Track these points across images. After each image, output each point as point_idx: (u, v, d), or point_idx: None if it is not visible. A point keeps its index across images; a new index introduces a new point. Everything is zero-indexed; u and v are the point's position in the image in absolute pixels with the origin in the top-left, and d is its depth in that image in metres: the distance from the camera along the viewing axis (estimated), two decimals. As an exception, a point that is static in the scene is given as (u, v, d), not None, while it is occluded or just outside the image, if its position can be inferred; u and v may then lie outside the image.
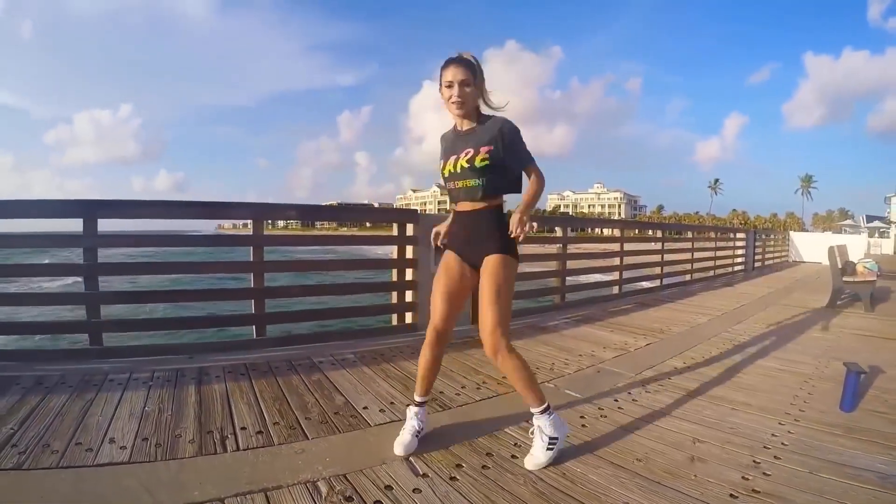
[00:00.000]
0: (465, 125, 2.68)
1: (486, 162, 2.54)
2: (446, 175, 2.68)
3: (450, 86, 2.58)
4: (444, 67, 2.60)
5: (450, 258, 2.76)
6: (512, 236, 2.52)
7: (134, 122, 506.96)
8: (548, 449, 2.54)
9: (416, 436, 2.69)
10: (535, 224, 2.80)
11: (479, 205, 2.62)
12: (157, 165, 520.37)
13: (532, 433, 2.61)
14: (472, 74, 2.58)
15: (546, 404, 2.63)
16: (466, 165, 2.57)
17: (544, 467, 2.50)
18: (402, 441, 2.63)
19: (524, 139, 2.64)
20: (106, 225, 4.28)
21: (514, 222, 2.50)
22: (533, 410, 2.62)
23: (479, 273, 2.65)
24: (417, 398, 2.78)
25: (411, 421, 2.72)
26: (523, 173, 2.67)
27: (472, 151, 2.56)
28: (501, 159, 2.57)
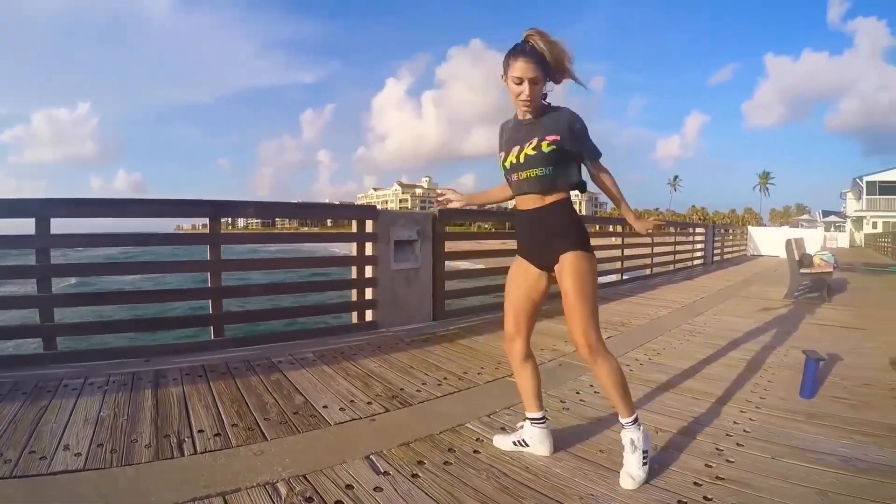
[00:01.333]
0: (529, 115, 2.50)
1: (553, 148, 2.39)
2: (508, 166, 2.51)
3: (519, 83, 2.38)
4: (514, 58, 2.38)
5: (518, 264, 2.64)
6: (646, 232, 2.57)
7: (92, 121, 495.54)
8: (644, 463, 2.37)
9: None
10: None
11: (548, 199, 2.45)
12: (116, 166, 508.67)
13: (624, 446, 2.42)
14: (544, 70, 2.38)
15: (636, 415, 2.46)
16: (533, 153, 2.40)
17: (642, 482, 2.34)
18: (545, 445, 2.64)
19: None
20: (60, 226, 4.16)
21: (641, 225, 2.57)
22: (624, 421, 2.43)
23: (549, 275, 2.56)
24: (532, 415, 2.67)
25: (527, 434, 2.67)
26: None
27: (536, 139, 2.42)
28: (568, 150, 2.44)
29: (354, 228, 5.62)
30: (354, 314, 5.68)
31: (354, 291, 5.65)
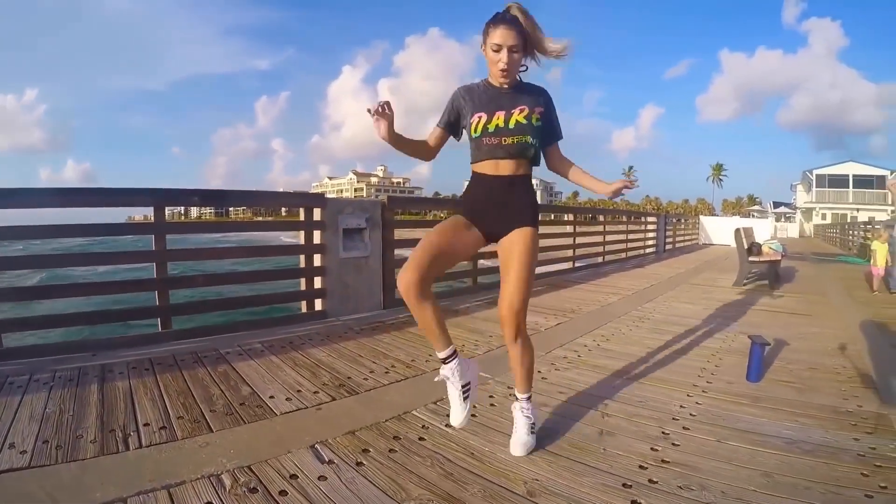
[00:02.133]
0: (506, 86, 2.51)
1: (540, 122, 2.49)
2: (491, 129, 2.45)
3: (498, 49, 2.39)
4: (494, 26, 2.40)
5: (458, 219, 2.57)
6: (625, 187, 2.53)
7: (39, 109, 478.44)
8: (532, 432, 2.58)
9: (466, 400, 2.57)
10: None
11: (521, 169, 2.52)
12: (65, 155, 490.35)
13: (516, 418, 2.62)
14: (523, 38, 2.42)
15: (531, 393, 2.68)
16: (525, 122, 2.44)
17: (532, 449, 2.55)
18: (458, 416, 2.55)
19: None
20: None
21: (613, 188, 2.55)
22: (522, 396, 2.63)
23: (484, 242, 2.60)
24: (442, 354, 2.53)
25: (452, 386, 2.54)
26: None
27: (527, 109, 2.46)
28: (545, 127, 2.54)
29: (302, 217, 5.60)
30: (304, 303, 5.68)
31: (303, 280, 5.64)
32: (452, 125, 2.63)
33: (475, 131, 2.49)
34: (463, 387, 2.54)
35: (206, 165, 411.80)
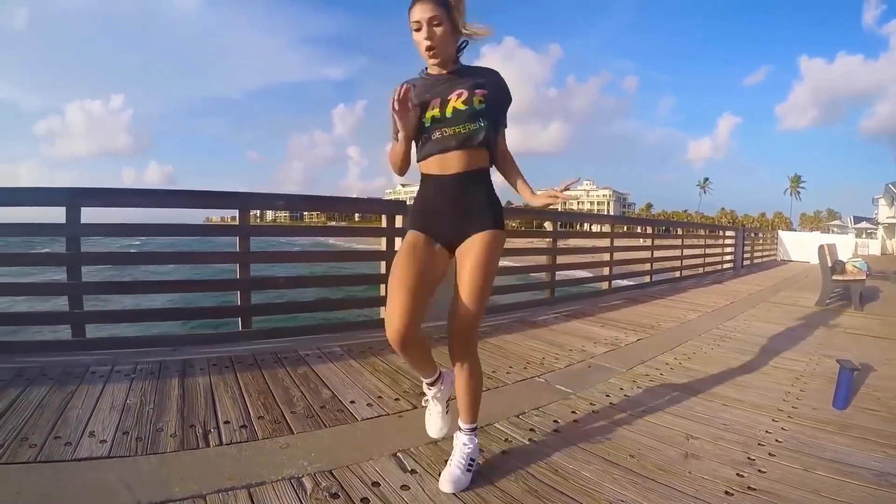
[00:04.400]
0: (444, 71, 2.25)
1: (483, 105, 2.16)
2: (428, 122, 2.17)
3: (418, 28, 2.13)
4: (410, 7, 2.14)
5: (417, 238, 2.26)
6: (544, 205, 2.26)
7: (125, 114, 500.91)
8: (468, 469, 2.27)
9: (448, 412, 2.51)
10: None
11: (473, 162, 2.20)
12: (147, 158, 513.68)
13: (455, 448, 2.34)
14: (444, 9, 2.13)
15: (477, 424, 2.40)
16: (464, 107, 2.14)
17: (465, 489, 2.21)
18: (441, 429, 2.51)
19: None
20: (90, 215, 4.19)
21: (539, 200, 2.26)
22: (466, 427, 2.36)
23: (450, 256, 2.30)
24: (429, 379, 2.47)
25: (437, 404, 2.51)
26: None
27: (466, 93, 2.15)
28: (492, 109, 2.22)
29: (384, 223, 5.58)
30: (382, 309, 5.60)
31: (383, 287, 5.57)
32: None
33: (428, 122, 2.19)
34: (447, 401, 2.50)
35: (281, 170, 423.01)
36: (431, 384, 2.47)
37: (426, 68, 2.30)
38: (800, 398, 3.57)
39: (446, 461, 2.40)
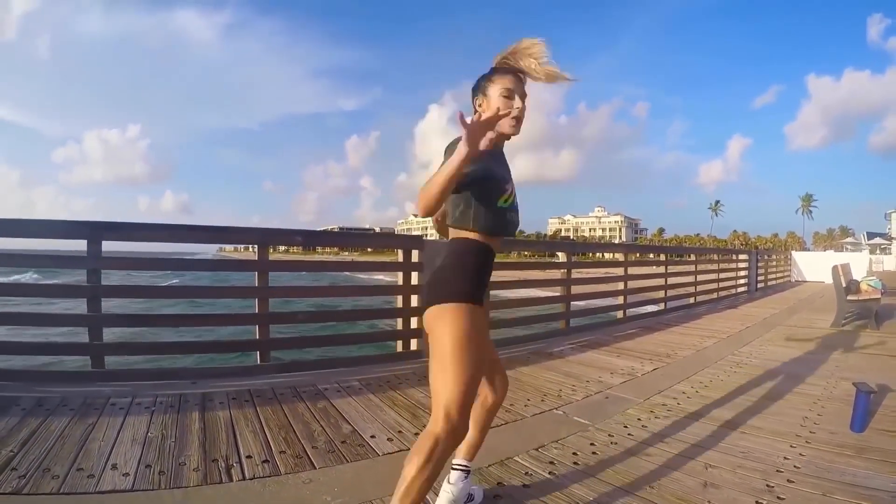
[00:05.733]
0: (500, 146, 2.15)
1: None
2: (508, 205, 2.04)
3: (509, 95, 2.01)
4: (503, 73, 2.04)
5: (479, 313, 1.95)
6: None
7: (142, 143, 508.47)
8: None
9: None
10: None
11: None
12: (163, 186, 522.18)
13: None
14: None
15: None
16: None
17: None
18: None
19: None
20: (109, 246, 4.27)
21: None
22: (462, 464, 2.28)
23: None
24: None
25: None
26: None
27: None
28: None
29: (401, 258, 5.64)
30: (399, 343, 5.66)
31: (399, 320, 5.64)
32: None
33: (505, 202, 2.03)
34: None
35: (296, 200, 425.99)
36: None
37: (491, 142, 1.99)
38: (817, 423, 3.57)
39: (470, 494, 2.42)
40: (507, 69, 2.05)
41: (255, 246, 4.81)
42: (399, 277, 5.63)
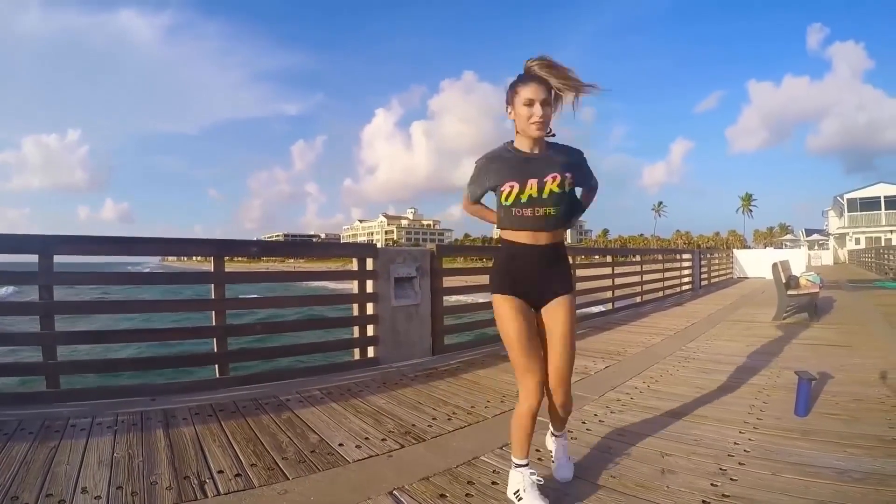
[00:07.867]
0: (536, 149, 2.43)
1: (573, 188, 2.44)
2: (525, 199, 2.36)
3: (530, 104, 2.31)
4: (522, 83, 2.35)
5: (520, 304, 2.46)
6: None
7: (81, 149, 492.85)
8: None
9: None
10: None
11: (559, 237, 2.48)
12: (103, 195, 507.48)
13: (557, 447, 2.79)
14: (550, 94, 2.36)
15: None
16: (558, 191, 2.36)
17: None
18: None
19: None
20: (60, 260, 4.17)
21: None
22: (559, 433, 2.78)
23: (539, 315, 2.52)
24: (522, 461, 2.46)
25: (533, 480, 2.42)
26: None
27: (559, 177, 2.37)
28: (577, 192, 2.53)
29: (356, 266, 5.66)
30: (357, 351, 5.69)
31: (356, 328, 5.67)
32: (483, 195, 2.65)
33: (506, 200, 2.41)
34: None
35: (242, 208, 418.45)
36: (528, 465, 2.45)
37: (513, 141, 2.50)
38: (763, 410, 3.80)
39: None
40: (531, 76, 2.36)
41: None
42: (355, 286, 5.67)
